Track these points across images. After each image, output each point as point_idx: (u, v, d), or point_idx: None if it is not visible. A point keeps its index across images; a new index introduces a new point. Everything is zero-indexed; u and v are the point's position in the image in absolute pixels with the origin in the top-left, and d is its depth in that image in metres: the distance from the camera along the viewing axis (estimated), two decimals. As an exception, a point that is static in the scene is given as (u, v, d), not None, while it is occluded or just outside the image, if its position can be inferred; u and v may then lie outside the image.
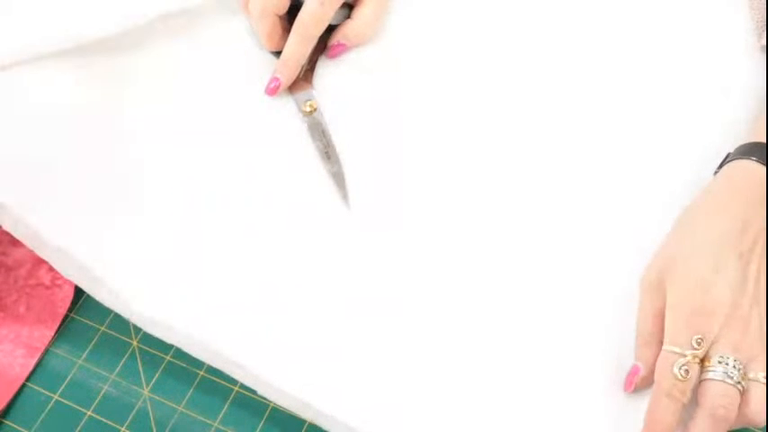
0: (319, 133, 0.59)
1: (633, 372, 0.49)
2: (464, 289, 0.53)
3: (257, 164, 0.58)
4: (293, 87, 0.61)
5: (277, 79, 0.60)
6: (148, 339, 0.54)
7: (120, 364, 0.55)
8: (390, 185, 0.57)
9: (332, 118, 0.60)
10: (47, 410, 0.54)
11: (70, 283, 0.57)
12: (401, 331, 0.52)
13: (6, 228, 0.52)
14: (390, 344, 0.52)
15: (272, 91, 0.60)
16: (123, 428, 0.53)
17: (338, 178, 0.57)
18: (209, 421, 0.53)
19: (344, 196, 0.57)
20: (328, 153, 0.58)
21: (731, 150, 0.53)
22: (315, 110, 0.60)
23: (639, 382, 0.49)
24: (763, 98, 0.56)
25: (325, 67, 0.62)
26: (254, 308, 0.53)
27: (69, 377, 0.55)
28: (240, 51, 0.63)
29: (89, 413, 0.54)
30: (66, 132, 0.56)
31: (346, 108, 0.60)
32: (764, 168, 0.49)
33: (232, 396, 0.54)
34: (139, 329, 0.54)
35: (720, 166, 0.53)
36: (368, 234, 0.55)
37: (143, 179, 0.57)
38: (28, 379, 0.55)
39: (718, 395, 0.45)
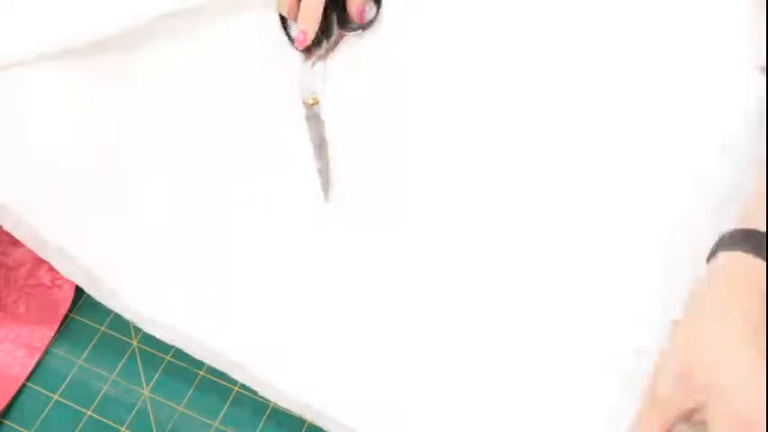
0: (316, 127, 0.59)
1: None
2: (452, 287, 0.53)
3: (257, 163, 0.58)
4: (312, 53, 0.61)
5: (303, 32, 0.60)
6: (148, 339, 0.54)
7: (120, 364, 0.55)
8: (377, 187, 0.57)
9: (331, 114, 0.60)
10: (47, 410, 0.54)
11: (70, 283, 0.57)
12: (399, 331, 0.52)
13: (7, 228, 0.52)
14: (389, 344, 0.52)
15: (301, 43, 0.61)
16: (123, 428, 0.53)
17: (323, 175, 0.57)
18: (209, 421, 0.53)
19: (327, 193, 0.57)
20: (321, 148, 0.58)
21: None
22: (316, 103, 0.60)
23: None
24: (763, 117, 0.56)
25: (332, 67, 0.62)
26: (253, 308, 0.53)
27: (69, 377, 0.55)
28: (240, 51, 0.63)
29: (89, 413, 0.54)
30: (66, 132, 0.56)
31: (346, 107, 0.60)
32: (760, 260, 0.46)
33: (232, 396, 0.54)
34: (139, 329, 0.54)
35: (712, 252, 0.49)
36: (353, 233, 0.55)
37: (143, 179, 0.57)
38: (28, 379, 0.55)
39: None
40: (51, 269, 0.55)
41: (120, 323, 0.55)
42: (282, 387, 0.51)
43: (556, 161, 0.58)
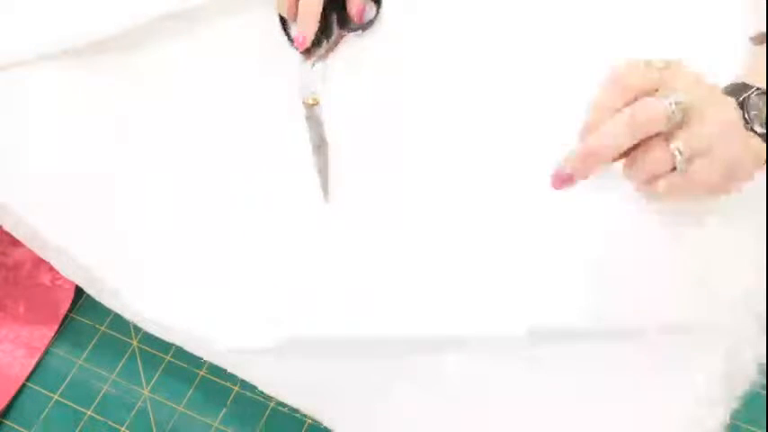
0: (316, 128, 0.59)
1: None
2: (452, 287, 0.53)
3: (257, 163, 0.58)
4: (312, 53, 0.61)
5: (302, 33, 0.60)
6: (148, 339, 0.54)
7: (120, 364, 0.55)
8: (376, 187, 0.57)
9: (331, 114, 0.60)
10: (47, 410, 0.54)
11: (70, 283, 0.57)
12: (400, 329, 0.52)
13: (7, 228, 0.52)
14: (390, 342, 0.52)
15: (301, 44, 0.61)
16: (123, 428, 0.53)
17: (323, 175, 0.57)
18: (209, 421, 0.53)
19: (326, 193, 0.57)
20: (320, 148, 0.58)
21: None
22: (316, 103, 0.60)
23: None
24: None
25: (332, 67, 0.62)
26: (254, 307, 0.53)
27: (69, 377, 0.55)
28: (240, 51, 0.63)
29: (89, 413, 0.54)
30: (66, 132, 0.56)
31: (346, 107, 0.60)
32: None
33: (232, 396, 0.54)
34: (139, 329, 0.54)
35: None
36: (352, 233, 0.55)
37: (143, 179, 0.57)
38: (28, 379, 0.55)
39: None
40: (51, 269, 0.55)
41: (120, 323, 0.55)
42: (285, 386, 0.51)
43: (556, 162, 0.58)
